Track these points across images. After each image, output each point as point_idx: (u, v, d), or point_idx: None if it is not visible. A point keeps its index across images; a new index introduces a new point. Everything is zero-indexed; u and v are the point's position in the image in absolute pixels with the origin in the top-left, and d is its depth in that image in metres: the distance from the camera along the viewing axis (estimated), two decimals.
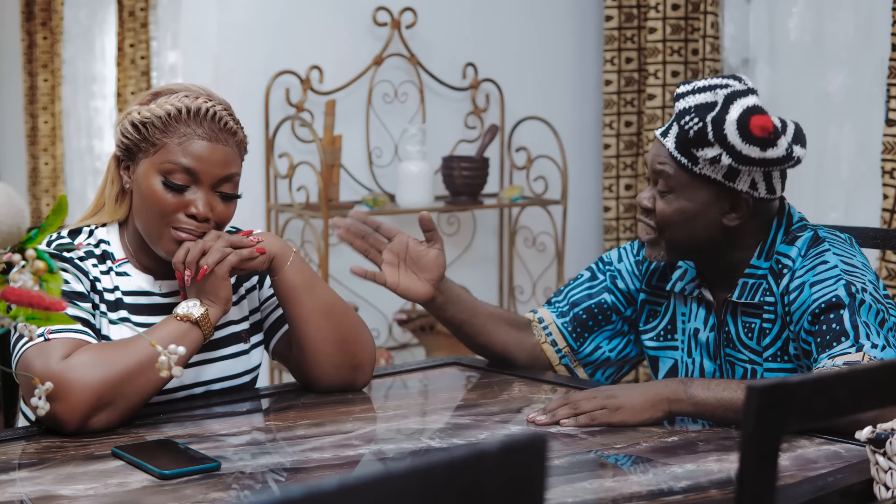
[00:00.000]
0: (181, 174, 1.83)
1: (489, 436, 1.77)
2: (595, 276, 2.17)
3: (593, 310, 2.15)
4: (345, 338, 1.95)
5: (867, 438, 1.44)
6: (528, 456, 0.92)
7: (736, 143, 1.87)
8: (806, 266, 1.92)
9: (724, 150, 1.88)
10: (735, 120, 1.86)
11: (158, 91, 1.91)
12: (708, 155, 1.89)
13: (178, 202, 1.84)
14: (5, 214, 1.44)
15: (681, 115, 1.92)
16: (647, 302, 2.14)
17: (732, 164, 1.89)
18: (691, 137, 1.90)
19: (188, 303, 1.83)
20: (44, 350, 1.73)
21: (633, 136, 3.93)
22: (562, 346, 2.15)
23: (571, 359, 2.16)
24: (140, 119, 1.86)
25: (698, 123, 1.89)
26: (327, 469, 1.59)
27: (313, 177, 3.49)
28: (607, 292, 2.15)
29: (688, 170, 1.93)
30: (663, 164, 1.95)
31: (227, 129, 1.87)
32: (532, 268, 3.97)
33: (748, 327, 1.98)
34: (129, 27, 4.54)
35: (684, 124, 1.91)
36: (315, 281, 1.95)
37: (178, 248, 1.84)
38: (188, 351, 1.79)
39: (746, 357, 1.98)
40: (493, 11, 3.88)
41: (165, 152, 1.84)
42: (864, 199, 3.34)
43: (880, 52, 3.24)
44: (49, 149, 5.14)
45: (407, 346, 3.78)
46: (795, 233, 1.97)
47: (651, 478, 1.57)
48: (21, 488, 1.51)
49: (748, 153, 1.87)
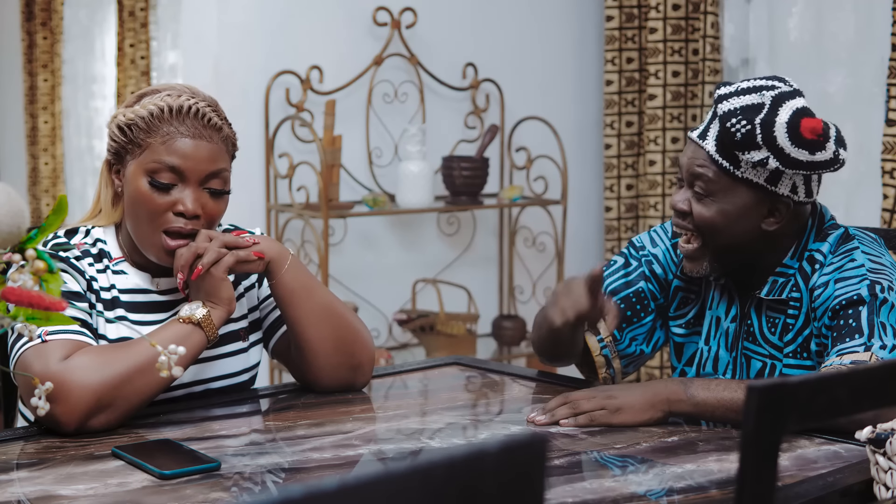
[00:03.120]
0: (167, 173, 1.83)
1: (489, 436, 1.77)
2: (629, 262, 2.10)
3: (631, 299, 2.08)
4: (343, 339, 1.95)
5: (867, 438, 1.44)
6: (528, 456, 0.92)
7: (785, 147, 1.84)
8: (834, 263, 1.91)
9: (771, 153, 1.84)
10: (785, 122, 1.83)
11: (144, 92, 1.91)
12: (754, 158, 1.85)
13: (166, 202, 1.83)
14: (5, 214, 1.44)
15: (725, 117, 1.86)
16: (680, 289, 2.09)
17: (779, 168, 1.85)
18: (738, 140, 1.85)
19: (191, 305, 1.83)
20: (42, 352, 1.72)
21: (634, 136, 3.93)
22: (604, 335, 2.09)
23: (612, 349, 2.10)
24: (125, 121, 1.86)
25: (746, 126, 1.84)
26: (327, 469, 1.59)
27: (313, 177, 3.48)
28: (643, 279, 2.09)
29: (729, 173, 1.88)
30: (702, 167, 1.90)
31: (212, 125, 1.86)
32: (532, 268, 3.97)
33: (772, 322, 1.96)
34: (129, 27, 4.54)
35: (730, 126, 1.85)
36: (312, 283, 1.94)
37: (168, 256, 1.84)
38: (191, 352, 1.79)
39: (766, 352, 1.96)
40: (493, 11, 3.88)
41: (150, 152, 1.84)
42: (864, 199, 3.34)
43: (880, 52, 3.24)
44: (49, 149, 5.13)
45: (407, 346, 3.78)
46: (827, 231, 1.96)
47: (651, 478, 1.57)
48: (20, 488, 1.51)
49: (797, 156, 1.84)
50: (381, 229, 3.74)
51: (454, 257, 3.86)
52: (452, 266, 3.86)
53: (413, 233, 3.82)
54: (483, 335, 3.87)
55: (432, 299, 3.77)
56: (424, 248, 3.83)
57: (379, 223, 3.74)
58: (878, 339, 1.79)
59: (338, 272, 3.58)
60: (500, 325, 3.84)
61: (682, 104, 3.81)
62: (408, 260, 3.79)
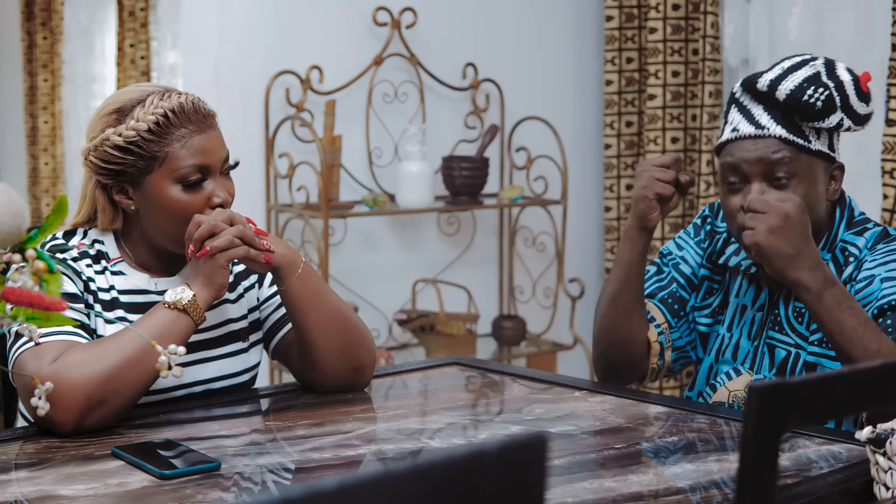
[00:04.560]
0: (195, 173, 1.84)
1: (489, 436, 1.77)
2: (661, 269, 2.13)
3: (668, 300, 2.10)
4: (349, 343, 1.95)
5: (867, 438, 1.44)
6: (528, 456, 0.92)
7: (855, 104, 1.90)
8: (877, 260, 1.91)
9: (845, 113, 1.90)
10: (851, 81, 1.90)
11: (118, 108, 1.85)
12: (833, 122, 1.89)
13: (201, 198, 1.85)
14: (5, 214, 1.44)
15: (795, 94, 1.88)
16: (707, 279, 2.10)
17: (851, 128, 1.90)
18: (819, 108, 1.88)
19: (177, 289, 1.81)
20: (35, 354, 1.72)
21: (633, 136, 3.93)
22: (660, 322, 2.09)
23: (667, 336, 2.09)
24: (125, 140, 1.83)
25: (824, 92, 1.88)
26: (327, 469, 1.59)
27: (313, 177, 3.48)
28: (675, 283, 2.11)
29: (805, 149, 1.91)
30: (777, 153, 1.90)
31: (208, 112, 1.88)
32: (532, 268, 3.97)
33: (799, 311, 1.96)
34: (129, 27, 4.54)
35: (808, 99, 1.88)
36: (323, 290, 1.94)
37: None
38: (180, 340, 1.77)
39: (792, 341, 1.96)
40: (493, 11, 3.88)
41: (172, 160, 1.83)
42: (864, 199, 3.33)
43: (880, 52, 3.23)
44: (49, 149, 5.13)
45: (407, 346, 3.78)
46: (863, 224, 1.97)
47: (651, 478, 1.57)
48: (19, 488, 1.51)
49: (861, 111, 1.91)
50: (381, 229, 3.74)
51: (454, 257, 3.86)
52: (452, 266, 3.86)
53: (413, 233, 3.82)
54: (483, 335, 3.87)
55: (432, 299, 3.77)
56: (424, 248, 3.83)
57: (379, 223, 3.74)
58: None
59: (338, 272, 3.58)
60: (500, 325, 3.84)
61: (682, 104, 3.81)
62: (408, 260, 3.79)
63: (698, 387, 2.08)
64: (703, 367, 2.08)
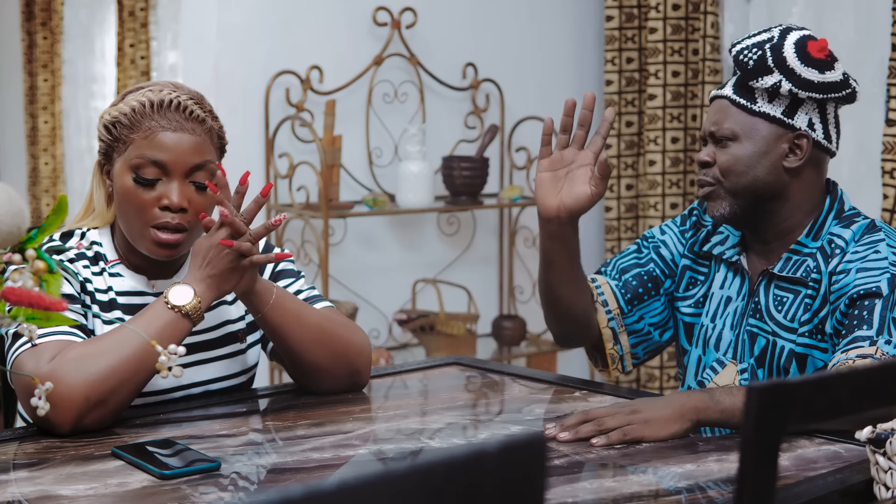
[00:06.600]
0: (150, 168, 1.83)
1: (489, 436, 1.77)
2: (640, 249, 2.15)
3: (643, 277, 2.11)
4: (338, 353, 1.94)
5: (867, 438, 1.44)
6: (528, 456, 0.92)
7: (795, 66, 1.90)
8: (859, 252, 1.91)
9: (783, 75, 1.91)
10: (794, 43, 1.91)
11: (129, 90, 1.91)
12: (768, 83, 1.91)
13: (152, 197, 1.83)
14: (5, 214, 1.44)
15: (738, 54, 1.94)
16: (688, 269, 2.11)
17: (792, 91, 1.90)
18: (752, 68, 1.91)
19: (179, 289, 1.78)
20: (32, 355, 1.72)
21: (634, 137, 3.93)
22: (612, 308, 2.10)
23: (619, 322, 2.10)
24: (110, 120, 1.87)
25: (757, 52, 1.92)
26: (327, 469, 1.59)
27: (313, 177, 3.48)
28: (652, 262, 2.12)
29: (747, 109, 1.94)
30: (722, 112, 1.96)
31: (194, 117, 1.85)
32: (532, 268, 3.97)
33: (779, 300, 1.97)
34: (129, 27, 4.54)
35: (743, 58, 1.93)
36: (299, 310, 1.89)
37: (159, 249, 1.83)
38: (177, 341, 1.75)
39: (769, 328, 1.97)
40: (493, 11, 3.88)
41: (133, 148, 1.84)
42: (864, 199, 3.34)
43: (880, 52, 3.24)
44: (49, 149, 5.13)
45: (407, 346, 3.78)
46: (852, 217, 1.97)
47: (651, 478, 1.57)
48: (18, 488, 1.51)
49: (808, 76, 1.90)
50: (381, 229, 3.74)
51: (454, 257, 3.86)
52: (452, 266, 3.86)
53: (413, 233, 3.82)
54: (483, 335, 3.87)
55: (432, 299, 3.77)
56: (424, 248, 3.83)
57: (379, 223, 3.74)
58: (887, 334, 1.79)
59: (338, 272, 3.58)
60: (500, 325, 3.84)
61: (682, 104, 3.81)
62: (408, 260, 3.79)
63: (688, 381, 2.09)
64: (691, 360, 2.09)
